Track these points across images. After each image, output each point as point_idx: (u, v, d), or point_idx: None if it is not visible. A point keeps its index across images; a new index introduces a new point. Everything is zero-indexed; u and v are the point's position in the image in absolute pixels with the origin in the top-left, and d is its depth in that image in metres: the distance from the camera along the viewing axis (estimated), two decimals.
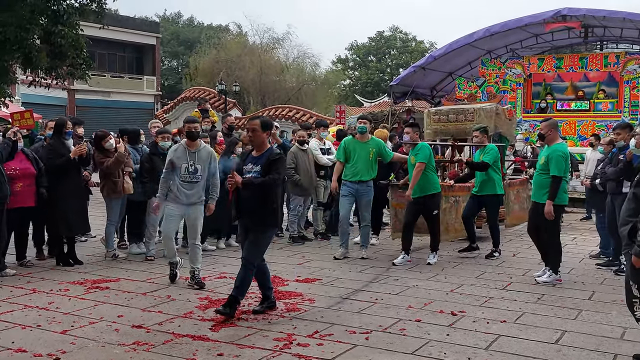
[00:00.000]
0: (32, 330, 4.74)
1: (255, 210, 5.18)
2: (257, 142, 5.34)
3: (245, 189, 5.19)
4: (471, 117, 9.96)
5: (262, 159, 5.25)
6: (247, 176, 5.22)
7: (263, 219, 5.20)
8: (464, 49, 18.50)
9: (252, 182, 5.16)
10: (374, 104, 31.90)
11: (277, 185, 5.27)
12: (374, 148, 7.83)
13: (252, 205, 5.19)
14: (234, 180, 5.16)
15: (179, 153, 6.27)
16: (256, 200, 5.17)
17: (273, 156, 5.24)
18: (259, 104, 33.71)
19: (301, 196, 8.99)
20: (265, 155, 5.27)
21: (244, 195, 5.22)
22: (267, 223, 5.23)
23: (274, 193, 5.23)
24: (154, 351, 4.33)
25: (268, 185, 5.16)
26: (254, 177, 5.18)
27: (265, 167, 5.19)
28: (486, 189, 8.01)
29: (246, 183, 5.17)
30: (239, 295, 5.16)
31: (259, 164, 5.23)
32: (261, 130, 5.27)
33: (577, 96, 17.01)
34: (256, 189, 5.15)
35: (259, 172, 5.19)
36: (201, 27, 54.10)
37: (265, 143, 5.34)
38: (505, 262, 7.73)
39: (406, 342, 4.60)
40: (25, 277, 6.55)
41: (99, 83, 32.12)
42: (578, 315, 5.42)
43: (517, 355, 4.37)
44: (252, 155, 5.38)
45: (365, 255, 7.86)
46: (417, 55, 43.38)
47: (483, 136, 8.29)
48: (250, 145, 5.60)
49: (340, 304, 5.67)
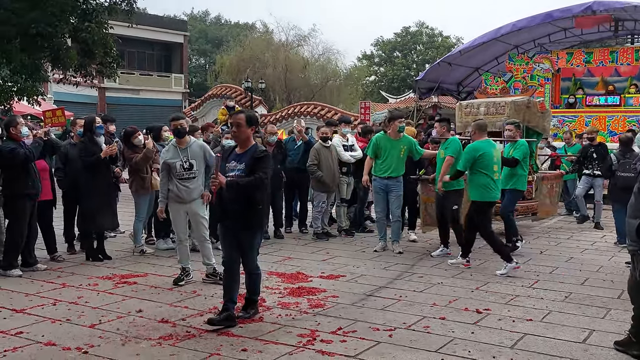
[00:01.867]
0: (61, 324, 4.85)
1: (241, 212, 4.87)
2: (241, 137, 5.01)
3: (229, 190, 4.86)
4: (502, 110, 9.86)
5: (246, 157, 4.94)
6: (230, 174, 4.92)
7: (249, 222, 4.90)
8: (491, 43, 18.26)
9: (237, 183, 4.84)
10: (400, 100, 31.72)
11: (264, 186, 4.92)
12: (406, 146, 7.99)
13: (237, 207, 4.87)
14: (217, 181, 4.85)
15: (170, 153, 6.22)
16: (241, 202, 4.85)
17: (258, 154, 4.93)
18: (284, 101, 33.79)
19: (324, 192, 9.01)
20: (249, 152, 4.96)
21: (227, 196, 4.90)
22: (253, 226, 4.96)
23: (259, 194, 4.90)
24: (179, 345, 4.39)
25: (254, 186, 4.83)
26: (238, 177, 4.87)
27: (249, 165, 4.88)
28: (509, 183, 7.98)
29: (230, 184, 4.84)
30: (252, 295, 5.14)
31: (243, 161, 4.93)
32: (246, 125, 4.96)
33: (607, 91, 16.65)
34: (241, 190, 4.84)
35: (242, 171, 4.89)
36: (228, 25, 54.48)
37: (250, 139, 5.03)
38: (532, 260, 7.63)
39: (430, 340, 4.58)
40: (55, 271, 6.70)
41: (128, 81, 32.61)
42: (607, 314, 5.33)
43: (543, 354, 4.32)
44: (235, 152, 5.07)
45: (399, 249, 7.94)
46: (443, 50, 42.94)
47: (516, 131, 8.25)
48: (234, 140, 5.25)
49: (364, 301, 5.67)
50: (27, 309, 5.25)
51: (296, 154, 9.49)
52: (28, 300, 5.53)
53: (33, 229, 6.77)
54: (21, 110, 14.45)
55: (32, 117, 16.25)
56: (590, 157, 10.60)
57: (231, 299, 4.98)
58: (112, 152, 7.14)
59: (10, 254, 6.53)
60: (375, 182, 8.05)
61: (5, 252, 6.58)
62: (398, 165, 7.95)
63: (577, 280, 6.60)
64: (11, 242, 6.55)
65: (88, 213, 7.20)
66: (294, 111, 21.86)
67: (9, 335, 4.57)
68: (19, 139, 6.57)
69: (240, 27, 51.13)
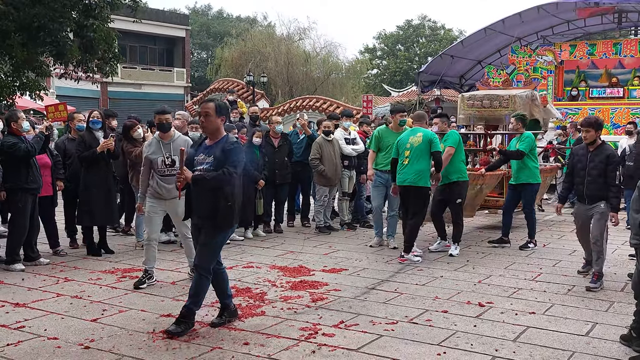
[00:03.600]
0: (63, 318, 4.86)
1: (207, 208, 4.54)
2: (210, 128, 4.64)
3: (196, 186, 4.55)
4: (506, 103, 9.82)
5: (215, 149, 4.58)
6: (198, 168, 4.58)
7: (215, 219, 4.53)
8: (493, 35, 18.22)
9: (204, 178, 4.49)
10: (402, 93, 31.66)
11: (233, 180, 4.53)
12: None
13: (204, 203, 4.56)
14: (183, 177, 4.49)
15: (153, 147, 5.90)
16: (208, 197, 4.51)
17: (228, 145, 4.56)
18: (286, 94, 33.74)
19: (326, 186, 8.99)
20: (219, 144, 4.59)
21: (194, 191, 4.59)
22: (219, 224, 4.56)
23: (229, 189, 4.50)
24: (182, 340, 4.39)
25: (222, 181, 4.46)
26: (206, 171, 4.53)
27: (219, 159, 4.53)
28: (523, 178, 7.93)
29: (197, 179, 4.51)
30: (194, 305, 4.61)
31: (212, 154, 4.57)
32: (215, 115, 4.58)
33: (611, 83, 16.58)
34: (208, 185, 4.50)
35: (211, 164, 4.53)
36: (230, 19, 54.37)
37: (220, 130, 4.66)
38: (535, 253, 7.61)
39: (432, 333, 4.57)
40: (58, 265, 6.71)
41: (130, 75, 32.57)
42: (610, 307, 5.31)
43: (545, 347, 4.31)
44: (205, 144, 4.71)
45: (394, 244, 7.86)
46: (446, 43, 42.79)
47: (520, 124, 8.22)
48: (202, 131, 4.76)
49: (366, 294, 5.67)
50: (29, 303, 5.26)
51: (299, 147, 9.47)
52: (30, 294, 5.53)
53: (35, 223, 6.78)
54: (24, 105, 14.46)
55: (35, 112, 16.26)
56: None
57: (225, 294, 4.82)
58: (109, 146, 7.09)
59: (13, 249, 6.53)
60: (375, 176, 7.97)
61: (7, 247, 6.59)
62: None
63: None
64: (13, 237, 6.56)
65: (85, 207, 7.19)
66: (295, 105, 21.81)
67: (11, 329, 4.57)
68: (20, 134, 6.57)
69: (242, 20, 51.02)
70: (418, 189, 7.01)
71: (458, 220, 7.58)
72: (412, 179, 6.99)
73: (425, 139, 7.00)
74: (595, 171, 6.04)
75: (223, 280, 4.85)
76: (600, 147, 6.11)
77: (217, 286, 4.81)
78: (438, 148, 7.07)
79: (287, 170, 9.06)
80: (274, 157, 8.87)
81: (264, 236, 8.67)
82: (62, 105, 8.09)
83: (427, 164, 7.02)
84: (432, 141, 7.02)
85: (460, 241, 7.65)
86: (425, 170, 7.01)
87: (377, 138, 7.97)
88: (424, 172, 6.99)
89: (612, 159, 6.05)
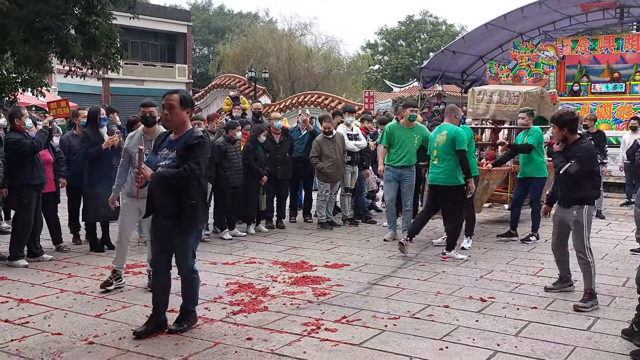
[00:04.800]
0: (67, 314, 4.88)
1: (170, 208, 4.25)
2: (174, 122, 4.34)
3: (157, 184, 4.27)
4: (516, 99, 9.88)
5: (179, 144, 4.29)
6: (160, 164, 4.29)
7: (181, 220, 4.25)
8: (495, 31, 18.19)
9: (164, 176, 4.21)
10: (404, 89, 31.64)
11: (197, 177, 4.23)
12: (419, 135, 8.04)
13: (166, 203, 4.27)
14: (142, 175, 4.21)
15: (134, 140, 5.50)
16: (170, 196, 4.23)
17: (192, 140, 4.26)
18: (288, 90, 33.73)
19: (327, 182, 9.01)
20: (183, 139, 4.30)
21: (155, 190, 4.31)
22: (186, 224, 4.29)
23: (193, 187, 4.23)
24: (185, 335, 4.41)
25: (184, 178, 4.17)
26: (168, 168, 4.24)
27: (182, 154, 4.23)
28: (530, 172, 8.00)
29: (156, 177, 4.23)
30: (188, 304, 4.51)
31: (175, 149, 4.28)
32: (180, 107, 4.29)
33: (612, 78, 16.55)
34: (169, 183, 4.21)
35: (173, 160, 4.25)
36: (231, 14, 54.31)
37: (185, 123, 4.36)
38: (537, 248, 7.62)
39: (434, 328, 4.59)
40: (61, 262, 6.74)
41: (132, 72, 32.55)
42: (612, 302, 5.32)
43: (547, 341, 4.32)
44: (169, 139, 4.42)
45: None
46: (447, 39, 42.75)
47: (529, 118, 8.28)
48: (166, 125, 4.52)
49: (368, 290, 5.69)
50: (32, 298, 5.28)
51: (301, 143, 9.49)
52: (34, 290, 5.56)
53: (38, 220, 6.80)
54: (26, 101, 14.47)
55: (37, 109, 16.28)
56: None
57: (158, 309, 4.50)
58: (114, 143, 7.12)
59: (17, 245, 6.56)
60: (387, 171, 8.07)
61: (11, 243, 6.61)
62: (412, 155, 8.01)
63: None
64: (17, 233, 6.58)
65: (89, 203, 7.21)
66: (297, 101, 21.82)
67: (15, 325, 4.60)
68: (23, 130, 6.59)
69: (243, 16, 50.96)
70: (447, 188, 6.96)
71: (469, 214, 7.64)
72: (441, 178, 6.98)
73: (448, 137, 6.98)
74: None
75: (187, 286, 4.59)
76: (574, 144, 5.32)
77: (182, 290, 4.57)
78: (462, 146, 6.94)
79: (289, 166, 9.07)
80: (276, 153, 8.88)
81: (267, 232, 8.70)
82: (64, 101, 8.10)
83: (455, 162, 6.98)
84: (456, 139, 6.93)
85: (472, 234, 7.73)
86: (453, 169, 6.96)
87: (388, 134, 8.06)
88: (452, 171, 6.96)
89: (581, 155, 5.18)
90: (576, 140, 5.34)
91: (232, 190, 8.15)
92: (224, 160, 8.02)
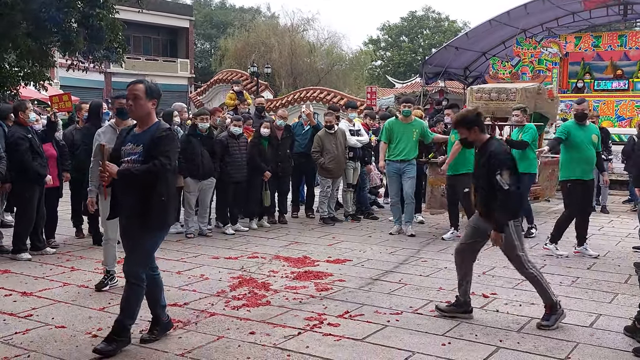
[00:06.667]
0: (70, 307, 4.90)
1: (137, 206, 3.93)
2: (139, 113, 4.01)
3: (122, 182, 3.94)
4: (513, 96, 9.90)
5: (145, 137, 3.97)
6: (126, 159, 3.98)
7: (145, 220, 3.93)
8: (498, 27, 18.15)
9: (131, 173, 3.90)
10: (406, 85, 31.58)
11: (165, 174, 3.93)
12: (417, 129, 8.21)
13: (133, 200, 3.95)
14: (107, 173, 3.87)
15: (107, 136, 5.20)
16: (138, 194, 3.92)
17: (159, 133, 3.94)
18: (290, 85, 33.71)
19: (328, 178, 9.01)
20: (149, 132, 3.98)
21: (120, 187, 4.01)
22: (152, 223, 3.96)
23: (161, 184, 3.92)
24: (188, 329, 4.43)
25: (152, 174, 3.87)
26: (134, 162, 3.94)
27: (148, 148, 3.92)
28: (522, 168, 7.99)
29: (122, 174, 3.89)
30: (125, 318, 4.03)
31: (141, 143, 3.96)
32: (145, 98, 3.96)
33: (615, 75, 16.52)
34: (136, 180, 3.91)
35: (140, 154, 3.94)
36: (233, 9, 54.23)
37: (151, 115, 4.03)
38: (539, 245, 7.62)
39: (437, 324, 4.60)
40: (64, 255, 6.75)
41: (134, 66, 32.55)
42: (614, 299, 5.33)
43: (549, 338, 4.33)
44: (134, 132, 4.09)
45: (411, 231, 8.12)
46: (450, 35, 42.65)
47: (523, 115, 8.38)
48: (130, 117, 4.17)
49: (370, 285, 5.70)
50: (36, 291, 5.30)
51: (304, 138, 9.48)
52: (37, 283, 5.58)
53: (41, 213, 6.80)
54: (28, 95, 14.47)
55: (39, 102, 16.29)
56: None
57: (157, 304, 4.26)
58: None
59: (20, 238, 6.58)
60: (388, 166, 8.24)
61: (14, 236, 6.63)
62: (411, 148, 8.15)
63: (584, 264, 6.61)
64: (20, 227, 6.60)
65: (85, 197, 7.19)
66: (299, 96, 21.80)
67: (19, 318, 4.61)
68: (26, 124, 6.59)
69: (245, 11, 50.90)
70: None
71: (471, 209, 7.68)
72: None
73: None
74: (481, 179, 4.65)
75: (157, 287, 4.23)
76: (484, 146, 4.65)
77: (149, 294, 4.18)
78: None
79: (290, 163, 9.08)
80: (277, 149, 8.88)
81: (269, 227, 8.71)
82: (67, 95, 8.14)
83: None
84: None
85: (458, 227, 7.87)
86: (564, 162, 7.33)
87: (387, 130, 8.22)
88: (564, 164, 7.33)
89: (493, 160, 4.48)
90: (486, 142, 4.66)
91: (235, 185, 8.17)
92: (226, 155, 8.04)
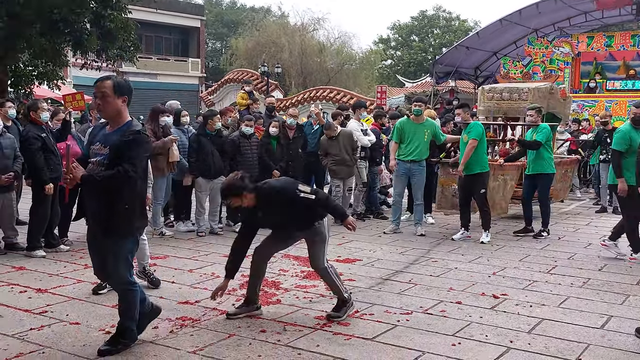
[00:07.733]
0: (84, 304, 4.95)
1: (102, 212, 3.76)
2: (108, 111, 3.79)
3: (87, 186, 3.81)
4: (525, 96, 9.90)
5: (113, 138, 3.75)
6: (92, 160, 3.80)
7: (108, 226, 3.76)
8: (509, 26, 18.09)
9: (94, 179, 3.69)
10: (416, 84, 31.53)
11: (131, 180, 3.70)
12: (429, 129, 8.15)
13: (95, 206, 3.82)
14: (71, 175, 3.64)
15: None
16: (100, 200, 3.75)
17: (127, 135, 3.71)
18: (300, 85, 33.74)
19: (337, 179, 9.01)
20: (119, 132, 3.76)
21: (85, 192, 3.92)
22: (118, 231, 3.77)
23: (126, 190, 3.72)
24: (199, 326, 4.47)
25: (116, 181, 3.67)
26: (100, 164, 3.74)
27: (115, 151, 3.70)
28: (538, 168, 8.07)
29: (85, 179, 3.66)
30: (127, 321, 3.97)
31: (109, 144, 3.74)
32: (114, 95, 3.73)
33: (628, 75, 16.41)
34: (100, 185, 3.72)
35: (106, 157, 3.73)
36: (244, 8, 54.36)
37: (121, 114, 3.79)
38: (550, 245, 7.61)
39: (447, 324, 4.61)
40: (78, 252, 6.81)
41: (146, 65, 32.73)
42: (625, 301, 5.31)
43: (560, 339, 4.33)
44: (104, 131, 3.87)
45: (422, 231, 8.13)
46: (460, 34, 42.49)
47: (537, 115, 8.38)
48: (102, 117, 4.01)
49: (380, 285, 5.71)
50: (50, 288, 5.36)
51: (313, 138, 9.48)
52: (52, 280, 5.64)
53: (55, 211, 6.87)
54: (41, 94, 14.61)
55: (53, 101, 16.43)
56: (604, 143, 10.47)
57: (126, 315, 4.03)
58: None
59: (34, 236, 6.65)
60: (398, 166, 8.20)
61: (29, 234, 6.71)
62: (422, 149, 8.09)
63: (595, 266, 6.58)
64: (35, 224, 6.68)
65: None
66: (309, 95, 21.83)
67: (34, 314, 4.68)
68: (40, 123, 6.66)
69: (256, 10, 51.00)
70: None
71: (485, 209, 7.83)
72: None
73: None
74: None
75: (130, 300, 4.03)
76: None
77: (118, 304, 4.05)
78: None
79: (301, 163, 9.08)
80: (288, 148, 8.89)
81: None
82: (80, 94, 8.16)
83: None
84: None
85: (490, 227, 7.87)
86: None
87: (399, 130, 8.17)
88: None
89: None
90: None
91: None
92: (237, 155, 8.07)
